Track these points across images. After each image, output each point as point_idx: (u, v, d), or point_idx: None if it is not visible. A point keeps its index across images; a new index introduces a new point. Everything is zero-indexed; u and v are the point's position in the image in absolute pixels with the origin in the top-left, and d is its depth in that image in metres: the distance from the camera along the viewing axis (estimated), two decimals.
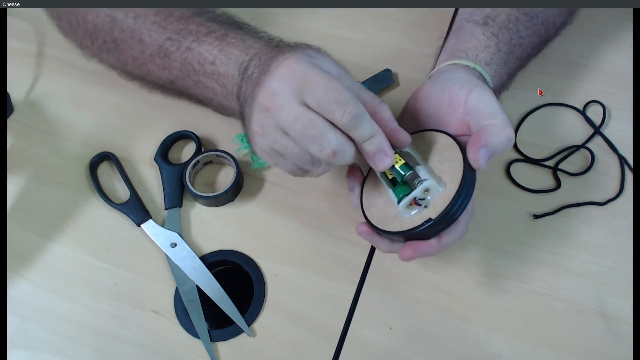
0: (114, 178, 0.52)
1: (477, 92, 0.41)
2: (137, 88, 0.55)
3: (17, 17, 0.64)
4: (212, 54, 0.45)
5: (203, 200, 0.50)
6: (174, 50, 0.47)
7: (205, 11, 0.49)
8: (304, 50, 0.39)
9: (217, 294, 0.46)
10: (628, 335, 0.43)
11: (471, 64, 0.45)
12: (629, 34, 0.60)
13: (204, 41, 0.45)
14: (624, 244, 0.47)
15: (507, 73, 0.49)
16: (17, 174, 0.53)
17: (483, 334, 0.44)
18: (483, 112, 0.40)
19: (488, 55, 0.47)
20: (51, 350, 0.44)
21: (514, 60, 0.49)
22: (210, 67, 0.45)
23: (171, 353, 0.44)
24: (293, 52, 0.38)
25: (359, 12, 0.63)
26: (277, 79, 0.36)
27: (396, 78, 0.57)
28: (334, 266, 0.47)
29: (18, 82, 0.59)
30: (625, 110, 0.55)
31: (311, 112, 0.36)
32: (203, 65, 0.46)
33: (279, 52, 0.39)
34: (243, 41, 0.44)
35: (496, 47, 0.47)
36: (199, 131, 0.54)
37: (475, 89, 0.41)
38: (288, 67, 0.36)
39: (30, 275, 0.47)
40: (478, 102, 0.41)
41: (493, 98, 0.41)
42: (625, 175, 0.51)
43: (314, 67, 0.36)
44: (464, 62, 0.45)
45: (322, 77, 0.35)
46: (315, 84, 0.35)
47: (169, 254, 0.47)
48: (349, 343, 0.44)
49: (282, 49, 0.40)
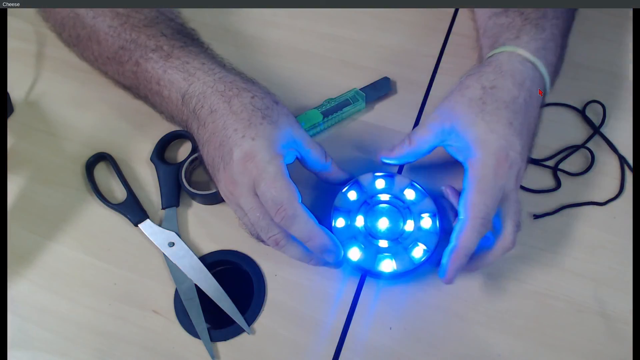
0: (111, 178, 0.52)
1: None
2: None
3: (17, 17, 0.64)
4: (157, 74, 0.46)
5: (199, 198, 0.50)
6: (126, 61, 0.48)
7: (165, 19, 0.49)
8: (259, 121, 0.41)
9: (216, 293, 0.46)
10: (628, 335, 0.43)
11: (498, 50, 0.46)
12: (629, 34, 0.60)
13: (150, 58, 0.46)
14: (624, 244, 0.47)
15: (556, 43, 0.48)
16: (17, 174, 0.53)
17: (483, 334, 0.44)
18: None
19: (530, 36, 0.46)
20: (51, 350, 0.44)
21: (549, 19, 0.49)
22: (155, 86, 0.47)
23: (171, 353, 0.44)
24: (251, 128, 0.41)
25: (359, 12, 0.64)
26: (238, 173, 0.40)
27: (397, 86, 0.57)
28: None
29: (18, 82, 0.59)
30: (625, 110, 0.55)
31: (262, 205, 0.40)
32: (150, 83, 0.47)
33: (238, 121, 0.41)
34: (185, 64, 0.46)
35: (520, 19, 0.48)
36: None
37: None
38: (246, 163, 0.40)
39: (30, 275, 0.47)
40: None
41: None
42: (625, 175, 0.51)
43: (268, 164, 0.40)
44: (506, 49, 0.46)
45: (269, 176, 0.39)
46: (262, 183, 0.39)
47: (166, 253, 0.47)
48: (349, 343, 0.44)
49: (237, 109, 0.42)
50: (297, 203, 0.40)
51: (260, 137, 0.40)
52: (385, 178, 0.48)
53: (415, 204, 0.46)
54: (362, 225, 0.46)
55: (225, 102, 0.42)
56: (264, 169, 0.39)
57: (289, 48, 0.61)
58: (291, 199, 0.39)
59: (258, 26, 0.63)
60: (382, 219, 0.46)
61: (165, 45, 0.46)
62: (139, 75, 0.47)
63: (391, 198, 0.47)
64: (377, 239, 0.45)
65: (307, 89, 0.57)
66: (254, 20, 0.64)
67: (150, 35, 0.47)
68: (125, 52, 0.47)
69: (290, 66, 0.59)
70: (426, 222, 0.46)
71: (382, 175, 0.48)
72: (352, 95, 0.55)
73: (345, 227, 0.46)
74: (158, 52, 0.46)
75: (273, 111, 0.43)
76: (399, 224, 0.46)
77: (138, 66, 0.47)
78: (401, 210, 0.46)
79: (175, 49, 0.46)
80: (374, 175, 0.48)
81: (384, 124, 0.55)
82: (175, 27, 0.49)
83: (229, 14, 0.64)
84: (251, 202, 0.41)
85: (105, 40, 0.48)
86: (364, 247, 0.45)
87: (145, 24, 0.48)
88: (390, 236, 0.45)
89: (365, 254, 0.44)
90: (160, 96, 0.47)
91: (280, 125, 0.42)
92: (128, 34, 0.47)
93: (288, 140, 0.42)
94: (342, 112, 0.54)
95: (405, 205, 0.47)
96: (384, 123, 0.55)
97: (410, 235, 0.45)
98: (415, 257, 0.44)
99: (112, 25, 0.48)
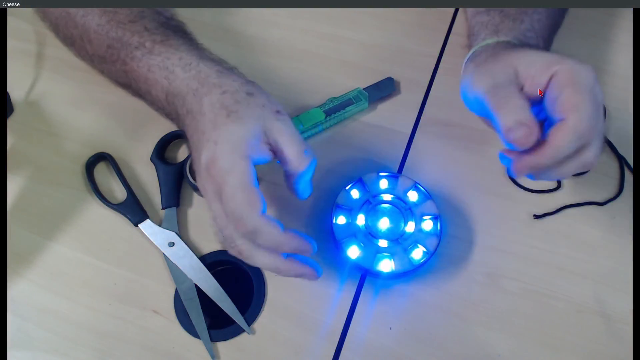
0: (111, 178, 0.52)
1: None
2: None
3: (17, 17, 0.64)
4: (142, 73, 0.45)
5: None
6: (115, 60, 0.47)
7: (151, 12, 0.48)
8: (222, 121, 0.38)
9: (216, 293, 0.46)
10: (628, 335, 0.43)
11: (477, 47, 0.46)
12: (629, 34, 0.60)
13: (135, 57, 0.45)
14: (624, 244, 0.47)
15: (533, 28, 0.48)
16: (17, 174, 0.53)
17: (483, 334, 0.44)
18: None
19: (507, 24, 0.47)
20: (51, 350, 0.44)
21: (528, 15, 0.48)
22: (144, 85, 0.46)
23: (171, 353, 0.44)
24: (215, 130, 0.38)
25: (359, 12, 0.64)
26: (204, 179, 0.38)
27: (398, 86, 0.57)
28: (334, 266, 0.47)
29: (18, 82, 0.59)
30: (625, 110, 0.55)
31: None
32: (138, 82, 0.46)
33: (205, 122, 0.39)
34: (165, 60, 0.44)
35: (499, 17, 0.48)
36: None
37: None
38: (210, 169, 0.38)
39: (30, 275, 0.47)
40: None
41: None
42: (625, 175, 0.51)
43: (228, 174, 0.37)
44: (470, 52, 0.46)
45: (228, 187, 0.37)
46: (222, 194, 0.37)
47: (166, 253, 0.47)
48: (349, 343, 0.44)
49: (210, 107, 0.40)
50: (258, 216, 0.36)
51: (222, 141, 0.38)
52: (389, 178, 0.48)
53: (418, 206, 0.47)
54: (363, 224, 0.46)
55: (197, 103, 0.40)
56: (224, 179, 0.37)
57: (288, 48, 0.61)
58: (251, 213, 0.36)
59: (258, 26, 0.63)
60: (383, 219, 0.46)
61: (147, 42, 0.45)
62: (129, 74, 0.47)
63: (393, 198, 0.47)
64: (377, 238, 0.45)
65: (307, 89, 0.57)
66: (254, 20, 0.64)
67: (134, 32, 0.46)
68: (114, 51, 0.46)
69: (290, 66, 0.59)
70: (427, 224, 0.46)
71: (386, 176, 0.48)
72: (355, 95, 0.55)
73: (346, 225, 0.46)
74: (140, 49, 0.45)
75: (242, 105, 0.39)
76: (399, 224, 0.46)
77: (126, 65, 0.46)
78: (403, 211, 0.47)
79: (156, 44, 0.45)
80: (378, 174, 0.48)
81: (385, 124, 0.55)
82: (160, 19, 0.48)
83: (229, 14, 0.64)
84: (217, 209, 0.38)
85: (96, 39, 0.47)
86: (364, 246, 0.45)
87: (131, 19, 0.47)
88: (391, 236, 0.45)
89: (365, 252, 0.45)
90: (150, 95, 0.46)
91: (247, 122, 0.39)
92: (114, 31, 0.46)
93: (256, 136, 0.39)
94: (345, 111, 0.54)
95: (408, 206, 0.47)
96: (386, 123, 0.55)
97: (410, 237, 0.45)
98: (414, 259, 0.44)
99: (100, 24, 0.47)
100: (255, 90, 0.41)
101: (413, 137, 0.54)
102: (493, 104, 0.39)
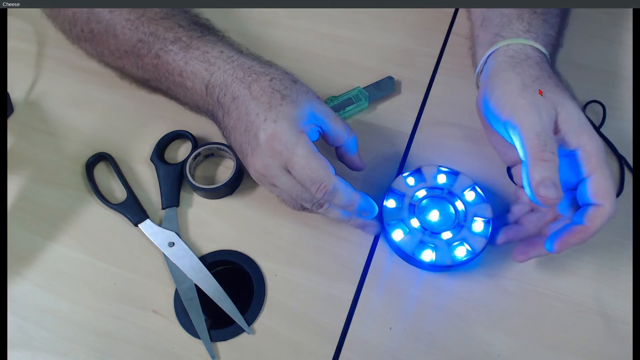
0: (111, 178, 0.52)
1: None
2: (135, 88, 0.55)
3: (17, 17, 0.64)
4: (178, 66, 0.47)
5: (202, 192, 0.50)
6: (145, 54, 0.48)
7: (180, 11, 0.50)
8: (278, 102, 0.42)
9: (216, 293, 0.46)
10: (628, 335, 0.43)
11: (513, 40, 0.46)
12: (629, 34, 0.60)
13: (170, 50, 0.47)
14: (624, 244, 0.47)
15: (553, 30, 0.50)
16: (17, 174, 0.53)
17: (483, 334, 0.44)
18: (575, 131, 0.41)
19: (523, 24, 0.48)
20: (51, 350, 0.44)
21: (553, 16, 0.50)
22: (178, 78, 0.47)
23: (171, 353, 0.44)
24: (272, 111, 0.42)
25: (359, 12, 0.64)
26: (267, 156, 0.41)
27: (398, 86, 0.57)
28: (334, 266, 0.47)
29: (18, 82, 0.59)
30: (625, 110, 0.55)
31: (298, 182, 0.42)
32: (172, 75, 0.48)
33: (259, 105, 0.42)
34: (205, 54, 0.46)
35: (528, 12, 0.49)
36: (195, 130, 0.54)
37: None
38: (273, 145, 0.41)
39: (30, 275, 0.47)
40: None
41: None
42: (625, 176, 0.51)
43: (296, 145, 0.41)
44: (504, 43, 0.47)
45: (300, 158, 0.40)
46: (295, 164, 0.41)
47: (166, 253, 0.47)
48: (349, 343, 0.44)
49: (258, 92, 0.43)
50: (334, 177, 0.41)
51: (282, 118, 0.41)
52: (448, 174, 0.48)
53: (472, 206, 0.46)
54: (414, 212, 0.46)
55: (245, 89, 0.43)
56: (293, 151, 0.40)
57: (289, 48, 0.61)
58: (328, 175, 0.41)
59: (258, 26, 0.63)
60: (434, 211, 0.46)
61: (183, 37, 0.47)
62: (159, 67, 0.48)
63: (448, 194, 0.47)
64: (425, 228, 0.45)
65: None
66: (254, 20, 0.64)
67: (168, 28, 0.48)
68: (144, 44, 0.48)
69: (290, 66, 0.59)
70: (478, 225, 0.45)
71: (445, 171, 0.48)
72: (355, 94, 0.55)
73: (396, 209, 0.46)
74: (177, 43, 0.47)
75: (292, 90, 0.43)
76: (450, 220, 0.46)
77: (158, 59, 0.47)
78: (456, 207, 0.47)
79: (193, 39, 0.47)
80: (438, 168, 0.48)
81: (385, 124, 0.55)
82: (191, 18, 0.50)
83: (229, 14, 0.64)
84: (287, 180, 0.42)
85: (123, 33, 0.49)
86: (409, 232, 0.45)
87: (162, 17, 0.48)
88: (438, 229, 0.46)
89: (409, 238, 0.45)
90: (184, 88, 0.47)
91: (299, 104, 0.43)
92: (146, 26, 0.48)
93: (309, 117, 0.43)
94: (345, 111, 0.54)
95: (462, 204, 0.46)
96: (386, 123, 0.55)
97: (458, 234, 0.45)
98: (457, 256, 0.44)
99: (129, 19, 0.48)
100: (297, 78, 0.45)
101: (413, 136, 0.54)
102: (530, 149, 0.40)
